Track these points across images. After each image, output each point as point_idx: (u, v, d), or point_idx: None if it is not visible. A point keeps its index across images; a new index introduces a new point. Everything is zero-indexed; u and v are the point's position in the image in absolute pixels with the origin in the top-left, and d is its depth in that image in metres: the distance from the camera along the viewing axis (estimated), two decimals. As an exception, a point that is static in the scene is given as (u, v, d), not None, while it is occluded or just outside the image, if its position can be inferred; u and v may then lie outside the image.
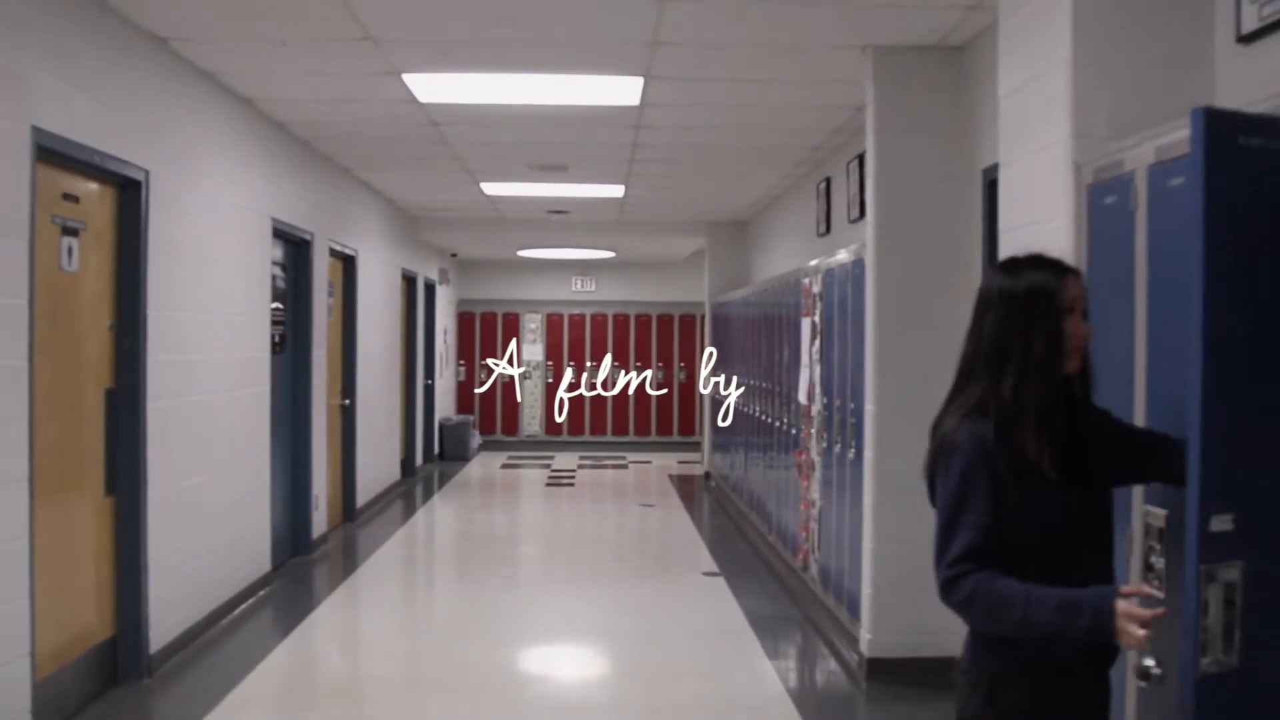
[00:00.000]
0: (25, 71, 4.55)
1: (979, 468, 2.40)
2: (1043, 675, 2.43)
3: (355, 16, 5.32)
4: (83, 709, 5.25)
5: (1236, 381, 2.30)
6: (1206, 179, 2.22)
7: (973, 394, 2.49)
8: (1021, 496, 2.39)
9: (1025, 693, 2.44)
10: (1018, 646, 2.40)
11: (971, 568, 2.36)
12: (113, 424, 5.59)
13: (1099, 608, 2.25)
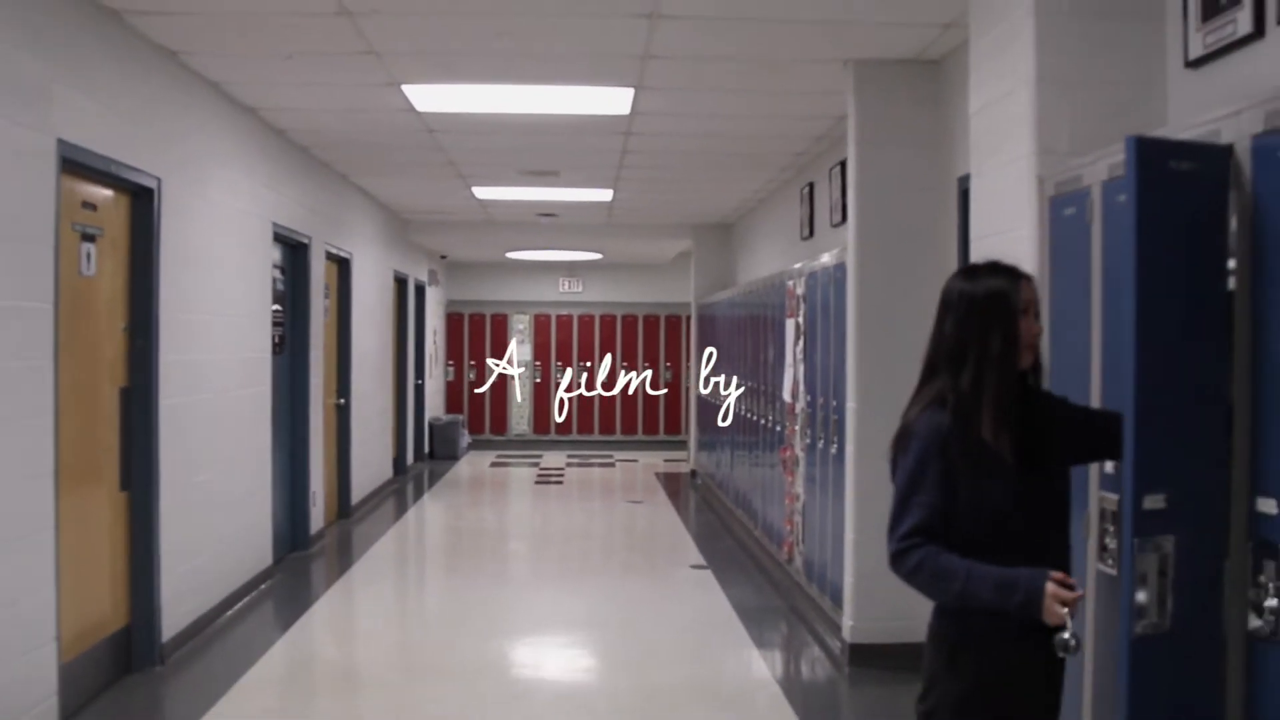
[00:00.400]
0: (51, 87, 4.80)
1: (933, 455, 2.67)
2: (996, 644, 2.69)
3: (360, 32, 5.58)
4: (99, 695, 5.48)
5: (1167, 376, 2.58)
6: (1139, 199, 2.50)
7: (934, 389, 2.77)
8: (975, 482, 2.65)
9: (981, 658, 2.71)
10: (973, 618, 2.67)
11: (920, 541, 2.64)
12: (127, 421, 5.83)
13: (1031, 587, 2.53)
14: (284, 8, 5.29)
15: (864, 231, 6.02)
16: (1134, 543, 2.57)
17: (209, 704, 5.47)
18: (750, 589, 8.05)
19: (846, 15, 5.31)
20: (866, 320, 5.97)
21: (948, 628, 2.76)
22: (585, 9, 5.28)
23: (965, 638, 2.71)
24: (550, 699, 5.78)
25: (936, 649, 2.79)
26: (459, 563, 9.85)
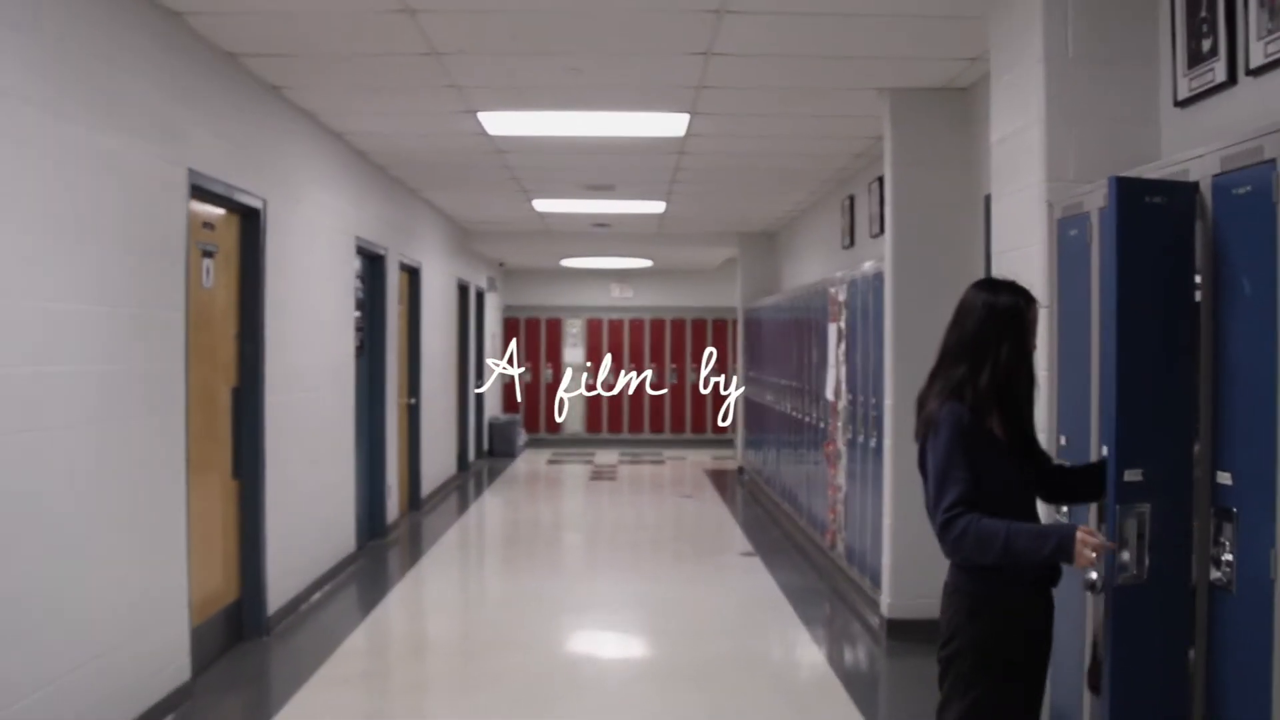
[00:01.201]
0: (183, 126, 5.49)
1: (958, 441, 3.24)
2: (1012, 596, 3.27)
3: (446, 69, 6.25)
4: (217, 659, 6.17)
5: (1144, 372, 3.17)
6: (1118, 228, 3.10)
7: (953, 377, 3.34)
8: (989, 461, 3.24)
9: (998, 607, 3.28)
10: (991, 575, 3.26)
11: (962, 510, 3.20)
12: (238, 418, 6.53)
13: (1063, 535, 3.09)
14: (379, 49, 5.96)
15: (900, 244, 6.62)
16: (1117, 509, 3.15)
17: (314, 667, 6.15)
18: (796, 573, 8.65)
19: (882, 51, 5.91)
20: (902, 324, 6.55)
21: (968, 583, 3.32)
22: (648, 48, 5.91)
23: (985, 592, 3.27)
24: (613, 666, 6.42)
25: (957, 602, 3.35)
26: (523, 550, 10.51)
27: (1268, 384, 2.90)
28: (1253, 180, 2.94)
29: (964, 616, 3.33)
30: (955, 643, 3.34)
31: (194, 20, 5.43)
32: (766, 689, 6.01)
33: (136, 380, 4.97)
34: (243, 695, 5.84)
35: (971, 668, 3.26)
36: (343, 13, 5.33)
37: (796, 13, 5.25)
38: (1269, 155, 2.88)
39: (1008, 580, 3.24)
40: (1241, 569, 3.00)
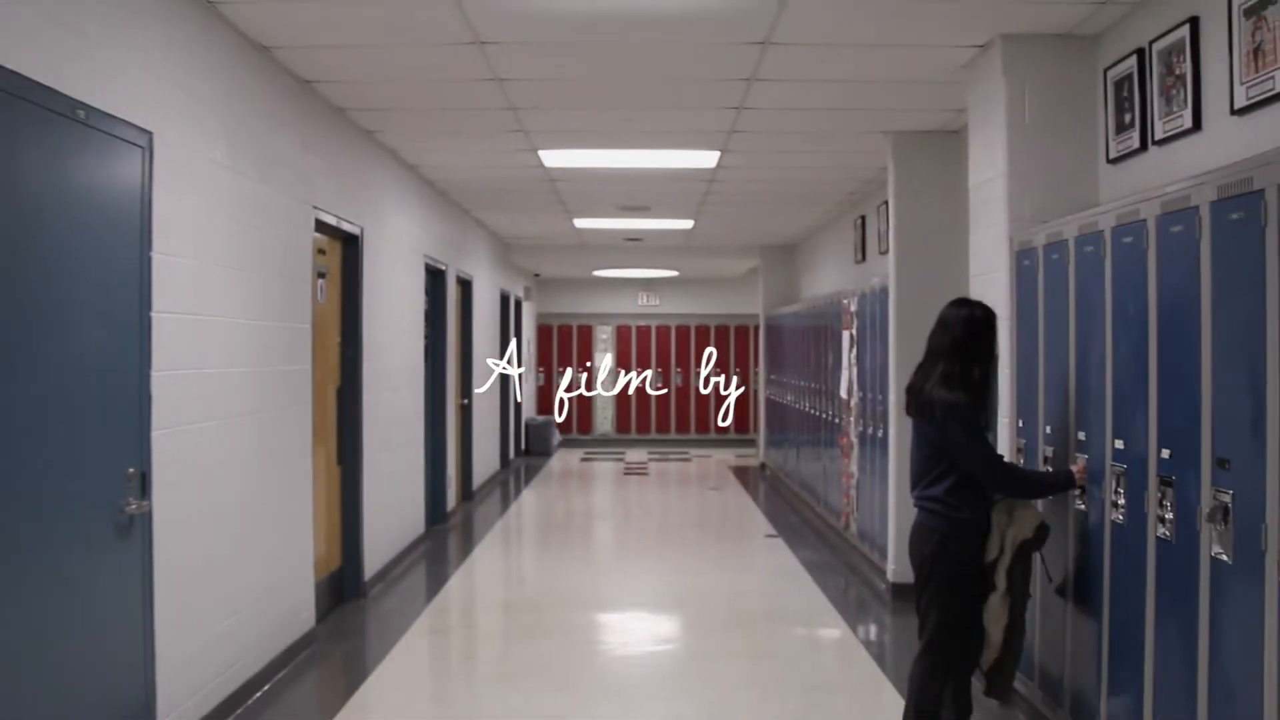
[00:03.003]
0: (308, 171, 6.71)
1: (972, 419, 4.42)
2: (972, 534, 4.47)
3: (518, 119, 7.46)
4: (326, 616, 7.38)
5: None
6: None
7: (951, 372, 4.50)
8: (981, 431, 4.45)
9: (964, 543, 4.47)
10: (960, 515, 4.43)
11: (999, 458, 4.49)
12: (341, 412, 7.75)
13: (1069, 473, 4.45)
14: (464, 105, 7.16)
15: (901, 264, 7.79)
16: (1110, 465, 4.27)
17: (409, 622, 7.36)
18: (814, 551, 9.83)
19: (885, 104, 7.08)
20: (903, 332, 7.70)
21: (938, 523, 4.51)
22: (689, 105, 7.11)
23: (953, 530, 4.47)
24: (659, 619, 7.60)
25: (926, 539, 4.54)
26: (568, 533, 11.70)
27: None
28: (1134, 233, 4.10)
29: (931, 551, 4.53)
30: (926, 576, 4.55)
31: (318, 86, 6.65)
32: (789, 635, 7.21)
33: (281, 380, 6.19)
34: (354, 642, 7.05)
35: (942, 583, 4.47)
36: (441, 79, 6.53)
37: (815, 80, 6.44)
38: (1143, 215, 4.04)
39: (966, 521, 4.44)
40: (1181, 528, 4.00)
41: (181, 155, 4.82)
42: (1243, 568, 3.34)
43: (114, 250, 4.26)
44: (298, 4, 5.13)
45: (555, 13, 5.20)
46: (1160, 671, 3.89)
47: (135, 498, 4.35)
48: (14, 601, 3.56)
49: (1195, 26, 4.46)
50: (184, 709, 4.85)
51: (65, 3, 3.92)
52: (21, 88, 3.60)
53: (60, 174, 3.90)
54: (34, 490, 3.71)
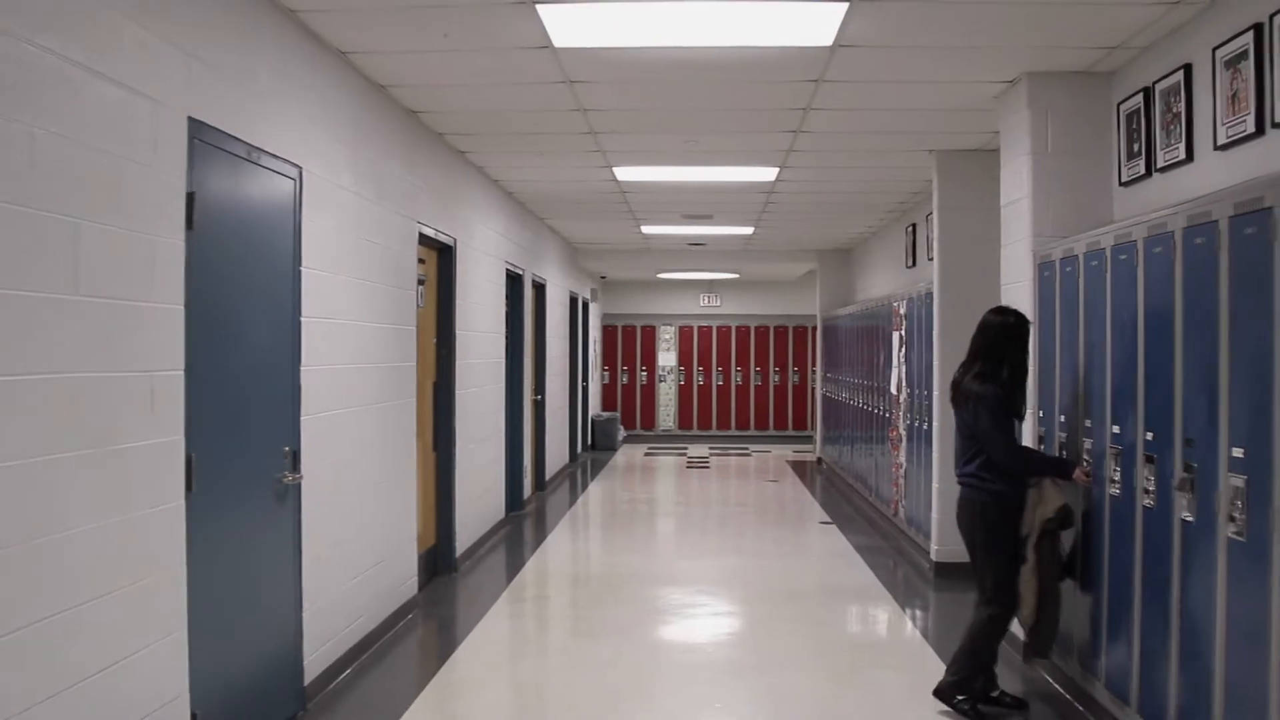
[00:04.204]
0: (413, 190, 7.60)
1: (999, 409, 5.24)
2: (1004, 501, 5.26)
3: (597, 142, 8.30)
4: (424, 586, 8.27)
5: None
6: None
7: (980, 368, 5.32)
8: (1010, 421, 5.24)
9: (998, 510, 5.28)
10: (996, 487, 5.23)
11: (1016, 442, 5.26)
12: (436, 405, 8.64)
13: (1070, 461, 5.20)
14: (550, 129, 8.01)
15: (944, 272, 8.54)
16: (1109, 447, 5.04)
17: (498, 593, 8.25)
18: (865, 536, 10.60)
19: (928, 128, 7.84)
20: (946, 333, 8.45)
21: (974, 495, 5.33)
22: (751, 129, 7.91)
23: (989, 499, 5.28)
24: (722, 590, 8.41)
25: (965, 510, 5.38)
26: (636, 519, 12.54)
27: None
28: (1127, 251, 4.85)
29: (971, 518, 5.37)
30: (970, 534, 5.39)
31: (422, 115, 7.54)
32: (839, 605, 8.01)
33: (393, 375, 7.08)
34: (451, 608, 7.93)
35: (985, 546, 5.31)
36: (532, 109, 7.37)
37: (865, 109, 7.22)
38: (1134, 237, 4.79)
39: (998, 492, 5.24)
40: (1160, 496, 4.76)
41: (321, 184, 5.72)
42: (1203, 526, 4.10)
43: (276, 265, 5.17)
44: (420, 54, 6.01)
45: (635, 58, 6.04)
46: (1145, 614, 4.66)
47: (290, 471, 5.26)
48: (228, 544, 4.46)
49: (1189, 72, 5.20)
50: (321, 651, 5.75)
51: (246, 64, 4.82)
52: (216, 137, 4.50)
53: (240, 205, 4.80)
54: (234, 461, 4.62)
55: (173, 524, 4.14)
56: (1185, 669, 4.28)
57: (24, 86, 3.26)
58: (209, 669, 4.40)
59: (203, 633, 4.33)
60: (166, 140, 4.10)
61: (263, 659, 5.03)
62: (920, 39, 5.68)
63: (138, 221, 3.89)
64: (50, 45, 3.38)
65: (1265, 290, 3.68)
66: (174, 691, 4.16)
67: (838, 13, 5.16)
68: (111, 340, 3.73)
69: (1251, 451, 3.77)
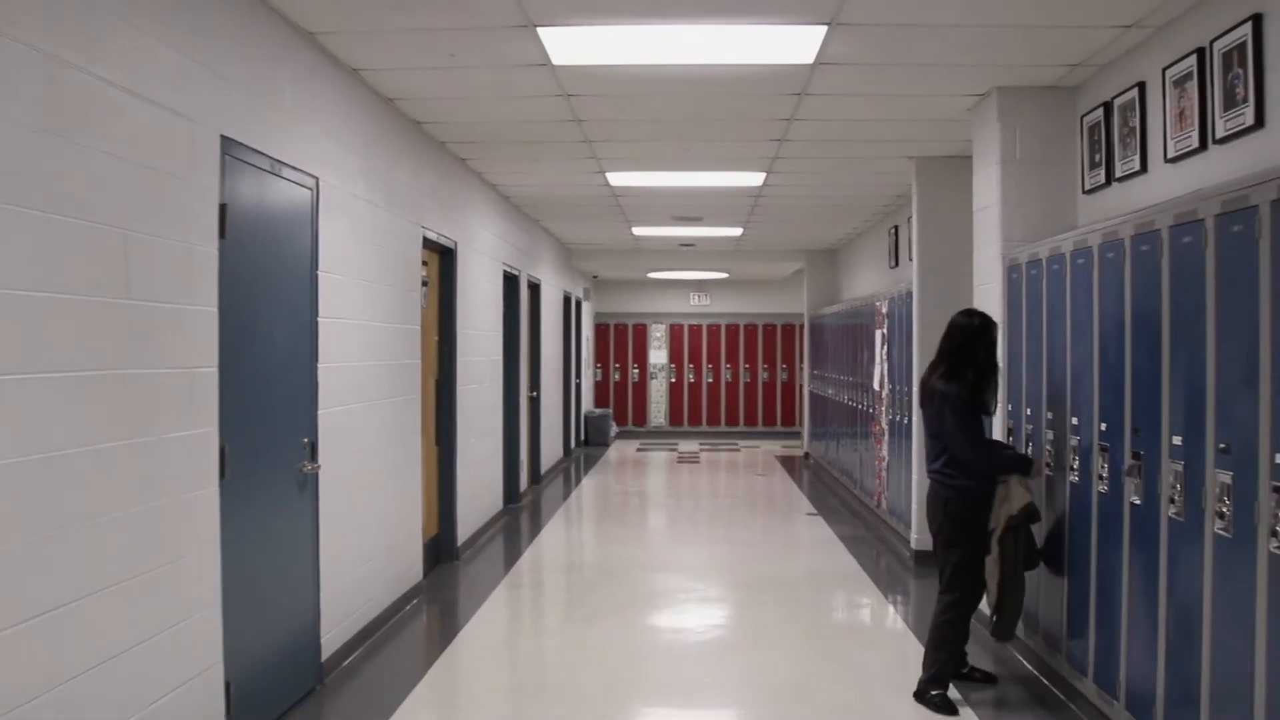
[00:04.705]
0: (418, 197, 7.99)
1: (963, 406, 5.59)
2: (968, 496, 5.63)
3: (592, 150, 8.70)
4: (428, 573, 8.66)
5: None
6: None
7: (945, 369, 5.68)
8: (974, 417, 5.59)
9: (962, 505, 5.64)
10: (963, 483, 5.59)
11: (982, 438, 5.59)
12: (438, 401, 9.03)
13: (1031, 459, 5.51)
14: (547, 138, 8.39)
15: (923, 271, 8.95)
16: (1068, 439, 5.47)
17: (497, 580, 8.64)
18: (849, 526, 11.01)
19: (906, 136, 8.24)
20: (925, 331, 8.85)
21: (941, 490, 5.69)
22: (740, 137, 8.31)
23: (953, 494, 5.63)
24: (711, 577, 8.81)
25: (934, 504, 5.74)
26: (629, 510, 12.94)
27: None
28: (1084, 256, 5.26)
29: (940, 511, 5.71)
30: (936, 525, 5.74)
31: (426, 125, 7.93)
32: (823, 588, 8.42)
33: (400, 373, 7.47)
34: (454, 593, 8.32)
35: (949, 537, 5.64)
36: (529, 120, 7.75)
37: (846, 119, 7.62)
38: (1090, 244, 5.20)
39: (962, 488, 5.60)
40: (1111, 481, 5.19)
41: (335, 193, 6.10)
42: (1149, 509, 4.51)
43: (295, 270, 5.55)
44: (427, 71, 6.39)
45: (628, 75, 6.42)
46: (1099, 588, 5.07)
47: (309, 461, 5.64)
48: (256, 528, 4.84)
49: (1143, 90, 5.61)
50: (337, 630, 6.14)
51: (271, 83, 5.20)
52: (244, 152, 4.88)
53: (265, 215, 5.19)
54: (261, 451, 5.01)
55: (208, 508, 4.53)
56: (1132, 634, 4.69)
57: (82, 111, 3.65)
58: (239, 643, 4.79)
59: (234, 609, 4.72)
60: (202, 156, 4.49)
61: (285, 636, 5.42)
62: (895, 57, 6.08)
63: (178, 231, 4.28)
64: (103, 74, 3.77)
65: (1198, 294, 4.09)
66: (210, 661, 4.55)
67: (818, 35, 5.56)
68: (156, 340, 4.12)
69: (1188, 439, 4.18)
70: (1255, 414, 3.66)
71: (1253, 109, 4.51)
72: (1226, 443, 3.88)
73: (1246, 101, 4.55)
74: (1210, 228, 4.03)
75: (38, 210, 3.39)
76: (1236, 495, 3.80)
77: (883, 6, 5.20)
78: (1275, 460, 3.56)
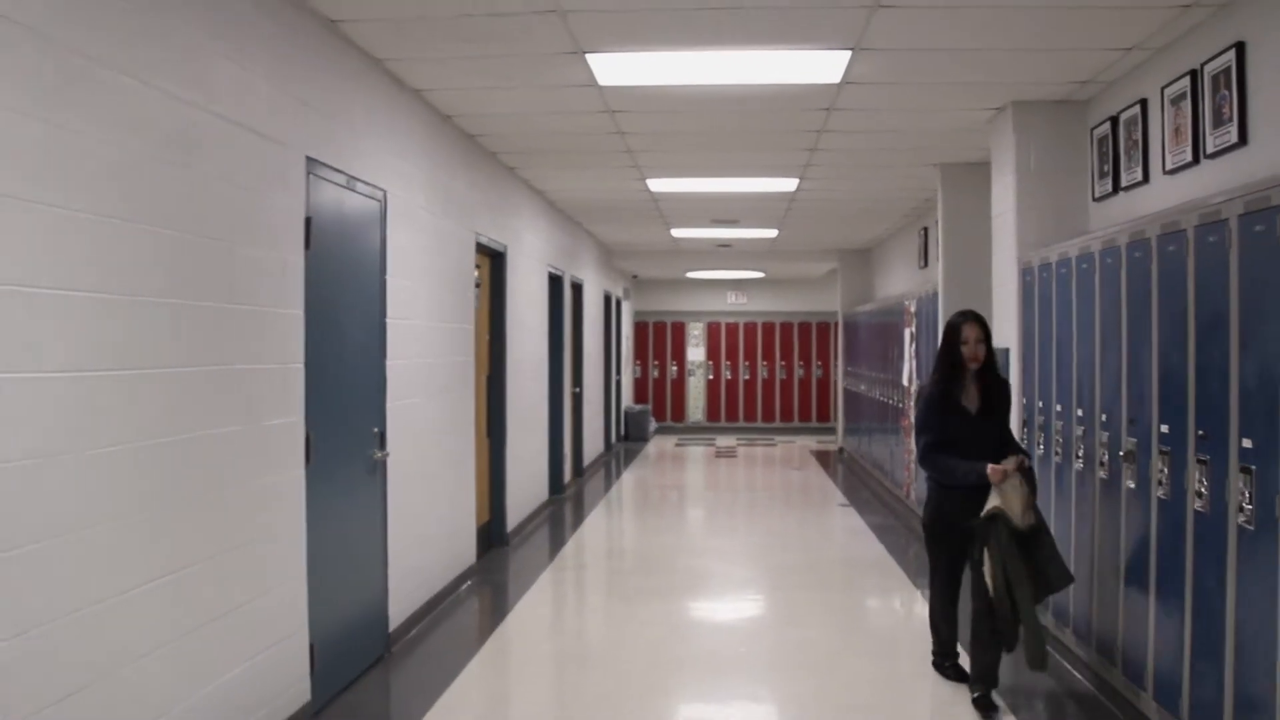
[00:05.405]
0: (473, 205, 8.55)
1: (928, 405, 5.94)
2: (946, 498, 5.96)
3: (634, 159, 9.23)
4: (483, 555, 9.22)
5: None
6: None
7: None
8: (950, 420, 5.86)
9: (935, 503, 5.95)
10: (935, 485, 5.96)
11: (930, 448, 5.89)
12: (489, 396, 9.59)
13: (980, 469, 5.67)
14: (591, 149, 8.93)
15: (948, 273, 9.41)
16: (1074, 429, 5.94)
17: (545, 564, 9.20)
18: (879, 516, 11.49)
19: (930, 145, 8.71)
20: (950, 330, 9.31)
21: (929, 491, 6.11)
22: (773, 146, 8.81)
23: (931, 491, 5.97)
24: (749, 562, 9.33)
25: (927, 501, 6.14)
26: (670, 503, 13.47)
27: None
28: (1088, 261, 5.73)
29: (928, 509, 6.10)
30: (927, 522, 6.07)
31: (480, 138, 8.49)
32: (854, 573, 8.91)
33: (456, 369, 8.03)
34: (505, 575, 8.88)
35: (928, 537, 6.03)
36: (575, 133, 8.29)
37: (872, 130, 8.11)
38: (1092, 250, 5.67)
39: (935, 487, 5.87)
40: (1110, 467, 5.68)
41: (400, 204, 6.67)
42: (1141, 492, 4.99)
43: (366, 275, 6.12)
44: (484, 90, 6.95)
45: (669, 93, 6.95)
46: (1100, 554, 5.55)
47: (378, 449, 6.21)
48: (334, 509, 5.41)
49: (1144, 106, 6.07)
50: (401, 606, 6.71)
51: (345, 107, 5.77)
52: (325, 170, 5.45)
53: (341, 226, 5.75)
54: (339, 439, 5.58)
55: (297, 489, 5.10)
56: (1128, 596, 5.17)
57: (200, 141, 4.22)
58: (320, 612, 5.36)
59: (316, 581, 5.29)
60: (291, 176, 5.05)
61: (357, 607, 5.99)
62: (915, 77, 6.57)
63: (272, 242, 4.84)
64: (219, 110, 4.34)
65: (1181, 298, 4.57)
66: (298, 625, 5.12)
67: (843, 59, 6.06)
68: (255, 339, 4.69)
69: (1173, 429, 4.65)
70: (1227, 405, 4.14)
71: (1236, 127, 4.97)
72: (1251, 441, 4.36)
73: (1231, 120, 5.01)
74: (1191, 238, 4.50)
75: (168, 229, 3.96)
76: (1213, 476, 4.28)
77: (902, 34, 5.69)
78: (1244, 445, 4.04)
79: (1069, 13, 5.39)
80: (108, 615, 3.59)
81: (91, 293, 3.51)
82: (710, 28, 5.61)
